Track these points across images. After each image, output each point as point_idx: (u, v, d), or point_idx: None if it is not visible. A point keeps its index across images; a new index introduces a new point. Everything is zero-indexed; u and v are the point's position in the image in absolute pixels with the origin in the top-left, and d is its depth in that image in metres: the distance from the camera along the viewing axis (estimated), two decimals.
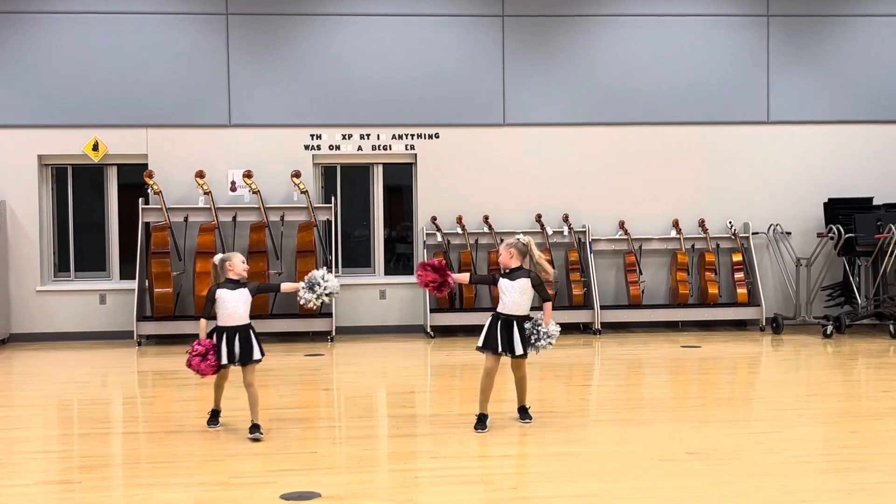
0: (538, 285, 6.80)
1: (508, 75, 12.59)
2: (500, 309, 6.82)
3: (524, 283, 6.77)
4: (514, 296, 6.75)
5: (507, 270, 6.82)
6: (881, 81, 13.03)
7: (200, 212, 12.00)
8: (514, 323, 6.75)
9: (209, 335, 6.71)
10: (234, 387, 6.97)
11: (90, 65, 12.09)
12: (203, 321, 6.85)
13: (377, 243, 12.84)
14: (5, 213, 11.90)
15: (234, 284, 6.72)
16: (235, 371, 6.80)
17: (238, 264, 6.76)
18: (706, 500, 5.18)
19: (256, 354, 6.68)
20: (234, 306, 6.64)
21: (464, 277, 7.19)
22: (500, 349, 6.73)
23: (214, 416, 6.98)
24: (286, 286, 7.00)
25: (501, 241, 12.27)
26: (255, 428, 6.58)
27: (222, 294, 6.67)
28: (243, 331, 6.66)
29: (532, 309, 6.87)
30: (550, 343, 6.80)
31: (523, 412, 7.10)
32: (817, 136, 12.97)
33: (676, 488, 5.40)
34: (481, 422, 6.85)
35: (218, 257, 6.85)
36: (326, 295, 6.83)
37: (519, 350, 6.73)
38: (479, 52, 12.58)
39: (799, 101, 12.93)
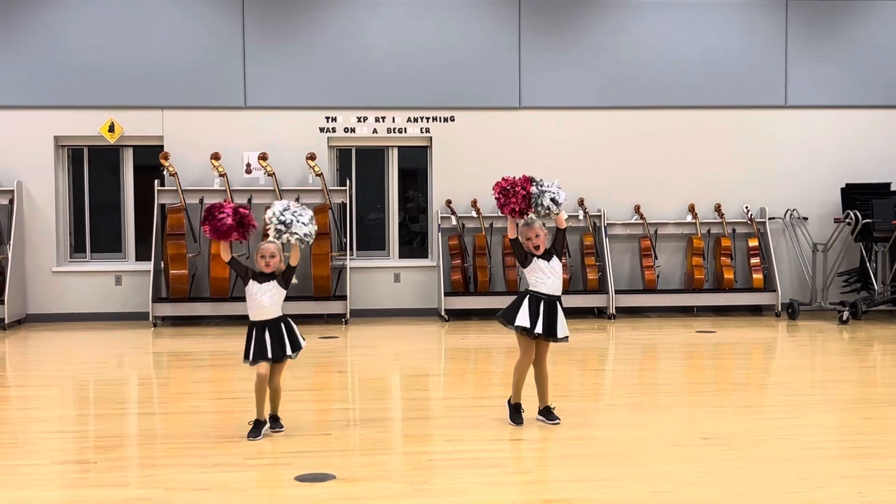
0: (559, 247, 6.45)
1: (524, 58, 12.53)
2: (540, 289, 6.34)
3: (557, 264, 6.42)
4: (555, 277, 6.38)
5: (538, 251, 6.40)
6: None
7: (216, 194, 12.00)
8: (558, 305, 6.37)
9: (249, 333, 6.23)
10: (247, 370, 6.89)
11: (106, 45, 12.09)
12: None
13: (392, 226, 12.83)
14: (22, 193, 11.94)
15: (265, 276, 6.21)
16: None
17: (257, 256, 6.25)
18: (721, 485, 5.16)
19: (288, 350, 6.21)
20: (260, 299, 6.17)
21: (512, 231, 6.53)
22: (540, 331, 6.30)
23: (258, 427, 6.21)
24: (294, 257, 6.32)
25: (517, 225, 12.30)
26: (275, 420, 6.36)
27: (251, 286, 6.19)
28: (273, 325, 6.20)
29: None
30: (555, 200, 6.37)
31: (548, 413, 6.55)
32: (835, 121, 12.88)
33: (691, 473, 5.39)
34: (518, 412, 6.51)
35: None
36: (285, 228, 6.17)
37: (563, 332, 6.35)
38: (496, 34, 12.52)
39: (817, 86, 12.83)
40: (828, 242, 12.37)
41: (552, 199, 6.40)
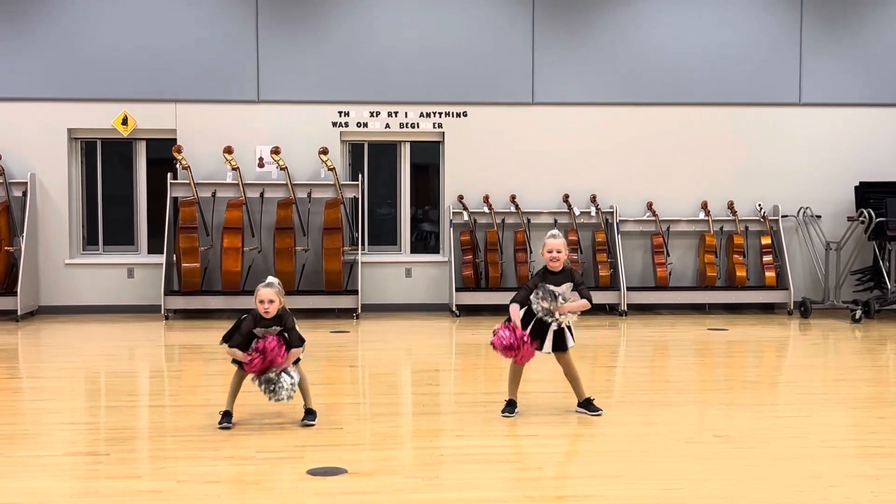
0: (580, 284, 6.50)
1: (538, 54, 12.51)
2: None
3: (567, 289, 6.47)
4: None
5: (550, 272, 6.47)
6: None
7: (228, 187, 12.02)
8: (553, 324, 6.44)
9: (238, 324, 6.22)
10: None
11: (120, 38, 12.11)
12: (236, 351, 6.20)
13: (404, 221, 12.83)
14: (35, 186, 11.97)
15: (267, 322, 6.14)
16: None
17: (256, 301, 6.11)
18: (732, 482, 5.15)
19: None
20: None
21: (515, 313, 6.48)
22: (549, 350, 6.46)
23: (227, 416, 6.30)
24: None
25: (528, 220, 12.31)
26: (308, 412, 6.36)
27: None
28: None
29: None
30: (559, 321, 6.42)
31: (588, 404, 6.66)
32: (850, 119, 12.82)
33: (702, 471, 5.38)
34: (510, 406, 6.65)
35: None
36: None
37: (547, 349, 6.45)
38: (509, 30, 12.50)
39: (832, 83, 12.77)
40: (841, 241, 12.32)
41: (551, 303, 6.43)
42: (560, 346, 6.51)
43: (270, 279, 6.27)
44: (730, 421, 6.63)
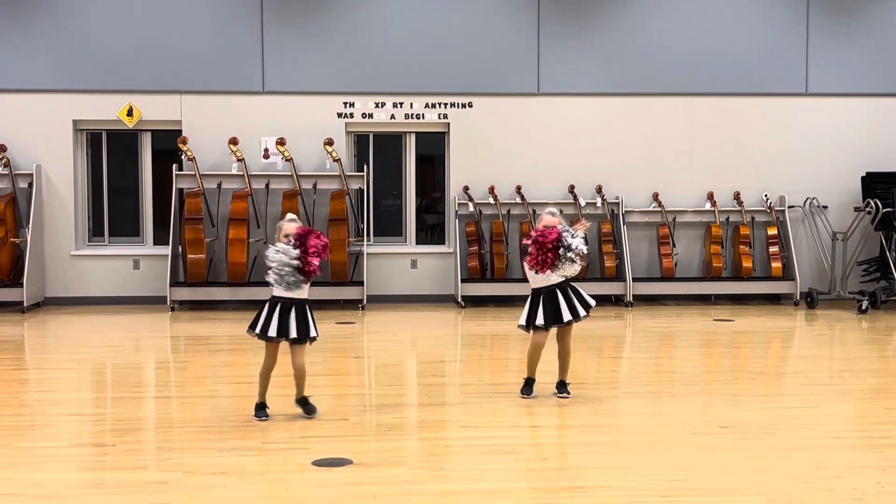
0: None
1: (543, 44, 12.47)
2: (537, 285, 6.69)
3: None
4: None
5: None
6: None
7: (233, 179, 12.02)
8: (557, 292, 6.64)
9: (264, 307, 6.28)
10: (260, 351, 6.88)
11: (125, 30, 12.10)
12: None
13: (409, 212, 12.82)
14: (41, 177, 11.98)
15: None
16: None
17: (281, 235, 6.22)
18: (738, 473, 5.14)
19: (313, 332, 6.23)
20: None
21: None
22: (544, 323, 6.62)
23: (262, 408, 6.32)
24: None
25: (534, 211, 12.29)
26: (305, 402, 6.32)
27: None
28: (300, 305, 6.19)
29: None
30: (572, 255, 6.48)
31: (562, 387, 6.91)
32: (856, 109, 12.77)
33: (708, 462, 5.37)
34: (528, 386, 6.86)
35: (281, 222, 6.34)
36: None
37: (567, 317, 6.61)
38: (515, 20, 12.46)
39: (838, 73, 12.72)
40: (847, 231, 12.28)
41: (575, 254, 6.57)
42: (585, 305, 6.72)
43: (291, 215, 6.39)
44: (736, 412, 6.62)
